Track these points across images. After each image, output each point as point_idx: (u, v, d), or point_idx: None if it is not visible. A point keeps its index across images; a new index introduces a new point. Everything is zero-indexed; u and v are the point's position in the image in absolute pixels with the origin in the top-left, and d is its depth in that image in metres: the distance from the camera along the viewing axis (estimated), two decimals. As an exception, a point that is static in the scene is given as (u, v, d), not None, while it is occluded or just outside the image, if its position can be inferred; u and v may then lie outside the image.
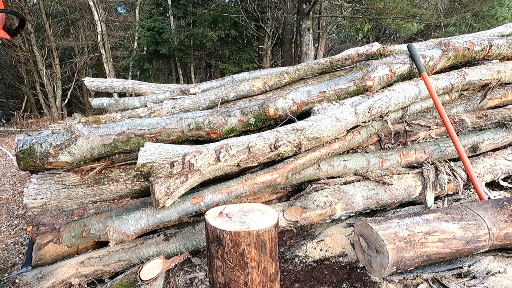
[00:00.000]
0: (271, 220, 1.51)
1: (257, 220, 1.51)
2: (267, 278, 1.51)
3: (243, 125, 2.44)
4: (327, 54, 13.63)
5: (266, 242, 1.45)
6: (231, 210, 1.63)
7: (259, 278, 1.48)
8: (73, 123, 2.18)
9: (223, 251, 1.44)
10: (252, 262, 1.44)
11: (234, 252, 1.43)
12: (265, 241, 1.45)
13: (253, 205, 1.74)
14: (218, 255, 1.47)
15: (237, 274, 1.45)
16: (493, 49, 2.97)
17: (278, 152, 2.18)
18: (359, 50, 3.27)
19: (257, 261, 1.45)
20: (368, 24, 10.74)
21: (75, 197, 2.23)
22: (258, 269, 1.46)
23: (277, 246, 1.56)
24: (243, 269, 1.45)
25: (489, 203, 2.06)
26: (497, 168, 2.83)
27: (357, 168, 2.60)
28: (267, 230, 1.45)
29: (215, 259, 1.49)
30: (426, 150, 2.80)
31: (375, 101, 2.49)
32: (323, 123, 2.27)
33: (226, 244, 1.43)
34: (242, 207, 1.70)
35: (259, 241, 1.43)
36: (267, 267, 1.49)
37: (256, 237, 1.42)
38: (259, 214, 1.60)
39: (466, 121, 3.03)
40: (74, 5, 14.92)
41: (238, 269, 1.45)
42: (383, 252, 1.75)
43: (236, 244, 1.41)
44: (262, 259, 1.46)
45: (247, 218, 1.54)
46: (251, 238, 1.42)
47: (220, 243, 1.44)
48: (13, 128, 10.85)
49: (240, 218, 1.54)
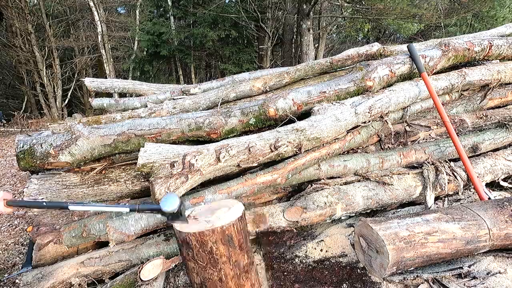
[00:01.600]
0: (236, 213, 1.53)
1: (221, 217, 1.53)
2: (240, 270, 1.53)
3: (244, 126, 2.44)
4: (327, 54, 13.63)
5: (232, 236, 1.47)
6: (198, 212, 1.65)
7: (233, 271, 1.50)
8: (74, 124, 2.18)
9: (193, 253, 1.46)
10: (223, 258, 1.47)
11: (203, 252, 1.45)
12: (231, 235, 1.47)
13: (222, 202, 1.74)
14: (190, 257, 1.49)
15: (209, 272, 1.48)
16: (493, 50, 2.97)
17: (278, 153, 2.18)
18: (359, 50, 3.27)
19: (227, 256, 1.47)
20: (368, 24, 10.73)
21: (76, 197, 2.23)
22: (230, 263, 1.49)
23: (247, 237, 1.58)
24: (215, 266, 1.47)
25: (489, 203, 2.06)
26: (497, 168, 2.83)
27: (357, 168, 2.60)
28: (232, 224, 1.47)
29: (188, 261, 1.52)
30: (426, 150, 2.79)
31: (375, 101, 2.49)
32: (323, 123, 2.27)
33: (193, 245, 1.45)
34: (210, 206, 1.71)
35: (225, 237, 1.45)
36: (239, 259, 1.51)
37: (221, 233, 1.44)
38: (225, 210, 1.61)
39: (466, 121, 3.03)
40: (74, 5, 14.93)
41: (209, 267, 1.47)
42: (383, 252, 1.75)
43: (202, 243, 1.43)
44: (232, 253, 1.48)
45: (213, 216, 1.56)
46: (216, 235, 1.44)
47: (188, 245, 1.46)
48: (13, 129, 10.85)
49: (206, 217, 1.56)
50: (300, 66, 3.22)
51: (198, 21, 12.40)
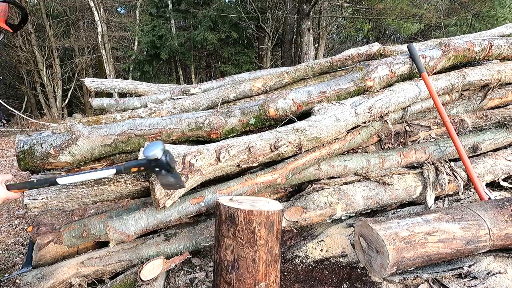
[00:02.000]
0: (277, 206, 1.68)
1: (265, 206, 1.67)
2: (272, 257, 1.63)
3: (244, 126, 2.44)
4: (327, 54, 13.63)
5: (274, 224, 1.60)
6: (239, 199, 1.80)
7: (265, 256, 1.60)
8: (74, 124, 2.18)
9: (235, 229, 1.57)
10: (261, 241, 1.58)
11: (246, 230, 1.56)
12: (273, 222, 1.60)
13: (258, 197, 1.93)
14: (230, 234, 1.59)
15: (246, 251, 1.57)
16: (494, 50, 2.97)
17: (279, 153, 2.18)
18: (359, 50, 3.27)
19: (265, 240, 1.59)
20: (368, 24, 10.74)
21: (76, 198, 2.23)
22: (265, 248, 1.60)
23: (281, 232, 1.72)
24: (252, 246, 1.57)
25: (490, 203, 2.06)
26: (497, 168, 2.83)
27: (357, 169, 2.60)
28: (276, 212, 1.61)
29: (225, 238, 1.61)
30: (426, 150, 2.79)
31: (375, 102, 2.49)
32: (324, 123, 2.27)
33: (239, 221, 1.56)
34: (248, 197, 1.89)
35: (269, 221, 1.58)
36: (273, 247, 1.63)
37: (266, 217, 1.57)
38: (265, 203, 1.77)
39: (466, 121, 3.03)
40: (74, 5, 14.92)
41: (248, 246, 1.57)
42: (384, 253, 1.75)
43: (248, 222, 1.55)
44: (270, 238, 1.60)
45: (256, 204, 1.69)
46: (262, 218, 1.56)
47: (233, 221, 1.57)
48: (14, 129, 10.85)
49: (249, 204, 1.69)
50: (300, 66, 3.22)
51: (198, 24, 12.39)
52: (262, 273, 1.60)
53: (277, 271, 1.70)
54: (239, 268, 1.58)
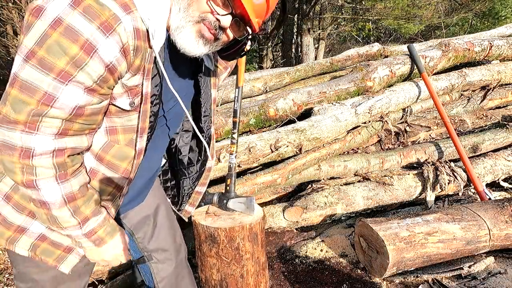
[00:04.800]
0: (258, 213, 1.57)
1: (245, 215, 1.57)
2: (260, 266, 1.57)
3: (244, 126, 2.44)
4: (328, 55, 13.64)
5: (257, 234, 1.52)
6: (216, 209, 1.65)
7: (254, 268, 1.54)
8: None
9: (218, 248, 1.48)
10: (247, 255, 1.50)
11: (230, 247, 1.47)
12: (256, 233, 1.51)
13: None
14: (212, 253, 1.50)
15: (233, 268, 1.51)
16: (494, 50, 2.97)
17: (279, 153, 2.19)
18: (359, 50, 3.28)
19: (251, 253, 1.51)
20: (368, 24, 10.74)
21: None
22: (252, 260, 1.53)
23: (265, 236, 1.62)
24: (239, 262, 1.50)
25: (490, 203, 2.06)
26: (497, 168, 2.83)
27: (357, 169, 2.60)
28: (258, 222, 1.51)
29: (209, 258, 1.53)
30: (426, 150, 2.79)
31: (376, 102, 2.49)
32: (324, 123, 2.27)
33: (221, 241, 1.47)
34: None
35: (252, 234, 1.50)
36: (260, 256, 1.56)
37: (249, 231, 1.48)
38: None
39: (466, 121, 3.03)
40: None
41: (234, 263, 1.50)
42: (384, 253, 1.75)
43: (231, 239, 1.46)
44: (255, 250, 1.53)
45: (235, 214, 1.58)
46: (245, 232, 1.47)
47: (214, 240, 1.48)
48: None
49: (228, 215, 1.57)
50: (300, 67, 3.22)
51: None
52: (252, 285, 1.56)
53: (266, 278, 1.66)
54: (228, 286, 1.53)
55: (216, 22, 0.88)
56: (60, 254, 1.00)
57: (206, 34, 0.89)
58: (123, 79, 0.85)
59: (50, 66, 0.74)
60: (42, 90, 0.75)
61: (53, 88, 0.75)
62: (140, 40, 0.82)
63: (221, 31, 0.91)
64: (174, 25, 0.89)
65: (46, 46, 0.73)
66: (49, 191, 0.83)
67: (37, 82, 0.74)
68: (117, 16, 0.76)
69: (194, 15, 0.87)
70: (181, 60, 0.99)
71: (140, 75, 0.87)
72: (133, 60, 0.83)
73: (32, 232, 0.96)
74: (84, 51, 0.75)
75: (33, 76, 0.74)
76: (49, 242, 0.98)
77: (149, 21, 0.82)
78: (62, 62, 0.74)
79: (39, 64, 0.74)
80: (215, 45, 0.94)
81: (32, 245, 0.97)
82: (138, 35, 0.81)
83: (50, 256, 0.99)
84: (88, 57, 0.75)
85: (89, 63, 0.76)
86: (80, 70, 0.76)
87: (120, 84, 0.86)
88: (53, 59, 0.74)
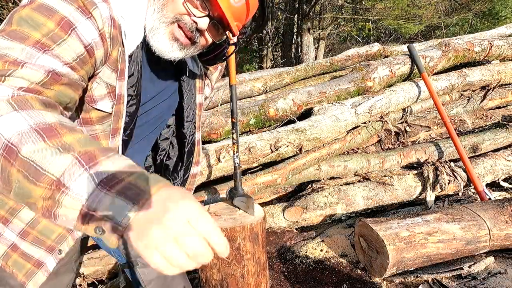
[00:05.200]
0: (259, 213, 1.56)
1: (245, 215, 1.57)
2: (260, 266, 1.57)
3: (244, 126, 2.44)
4: (328, 55, 13.64)
5: (258, 234, 1.52)
6: (217, 209, 1.66)
7: (254, 268, 1.54)
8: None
9: None
10: (248, 255, 1.50)
11: (231, 248, 1.47)
12: (257, 233, 1.51)
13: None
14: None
15: (234, 268, 1.51)
16: (494, 50, 2.97)
17: (279, 153, 2.19)
18: (359, 50, 3.28)
19: (252, 253, 1.51)
20: (368, 24, 10.74)
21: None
22: (253, 260, 1.53)
23: (265, 236, 1.63)
24: (240, 263, 1.50)
25: (490, 203, 2.06)
26: (497, 168, 2.83)
27: (357, 169, 2.60)
28: (259, 222, 1.51)
29: None
30: (426, 150, 2.79)
31: (376, 102, 2.49)
32: (324, 123, 2.27)
33: None
34: (226, 205, 1.72)
35: (253, 234, 1.49)
36: (260, 256, 1.56)
37: (250, 231, 1.48)
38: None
39: (466, 121, 3.03)
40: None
41: (234, 263, 1.50)
42: (384, 253, 1.75)
43: (232, 239, 1.46)
44: (256, 250, 1.53)
45: (236, 214, 1.57)
46: (246, 232, 1.47)
47: None
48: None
49: (229, 215, 1.57)
50: (300, 67, 3.22)
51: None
52: (252, 285, 1.56)
53: (267, 278, 1.66)
54: (229, 286, 1.53)
55: (193, 24, 0.85)
56: (30, 269, 0.91)
57: (181, 38, 0.86)
58: (103, 76, 0.82)
59: (21, 36, 0.66)
60: (11, 57, 0.64)
61: (27, 55, 0.65)
62: (116, 30, 0.78)
63: (198, 34, 0.87)
64: (149, 26, 0.86)
65: (15, 21, 0.67)
66: (7, 122, 0.56)
67: (5, 50, 0.64)
68: (93, 1, 0.74)
69: (168, 16, 0.84)
70: (162, 63, 0.94)
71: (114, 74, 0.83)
72: (111, 51, 0.79)
73: (5, 238, 0.89)
74: (61, 28, 0.69)
75: (1, 45, 0.65)
76: (19, 253, 0.90)
77: (122, 19, 0.79)
78: (37, 34, 0.67)
79: (8, 35, 0.66)
80: (193, 48, 0.91)
81: (5, 254, 0.90)
82: (114, 24, 0.77)
83: (20, 271, 0.91)
84: (66, 34, 0.70)
85: (68, 40, 0.70)
86: (57, 45, 0.69)
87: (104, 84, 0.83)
88: (26, 30, 0.67)
